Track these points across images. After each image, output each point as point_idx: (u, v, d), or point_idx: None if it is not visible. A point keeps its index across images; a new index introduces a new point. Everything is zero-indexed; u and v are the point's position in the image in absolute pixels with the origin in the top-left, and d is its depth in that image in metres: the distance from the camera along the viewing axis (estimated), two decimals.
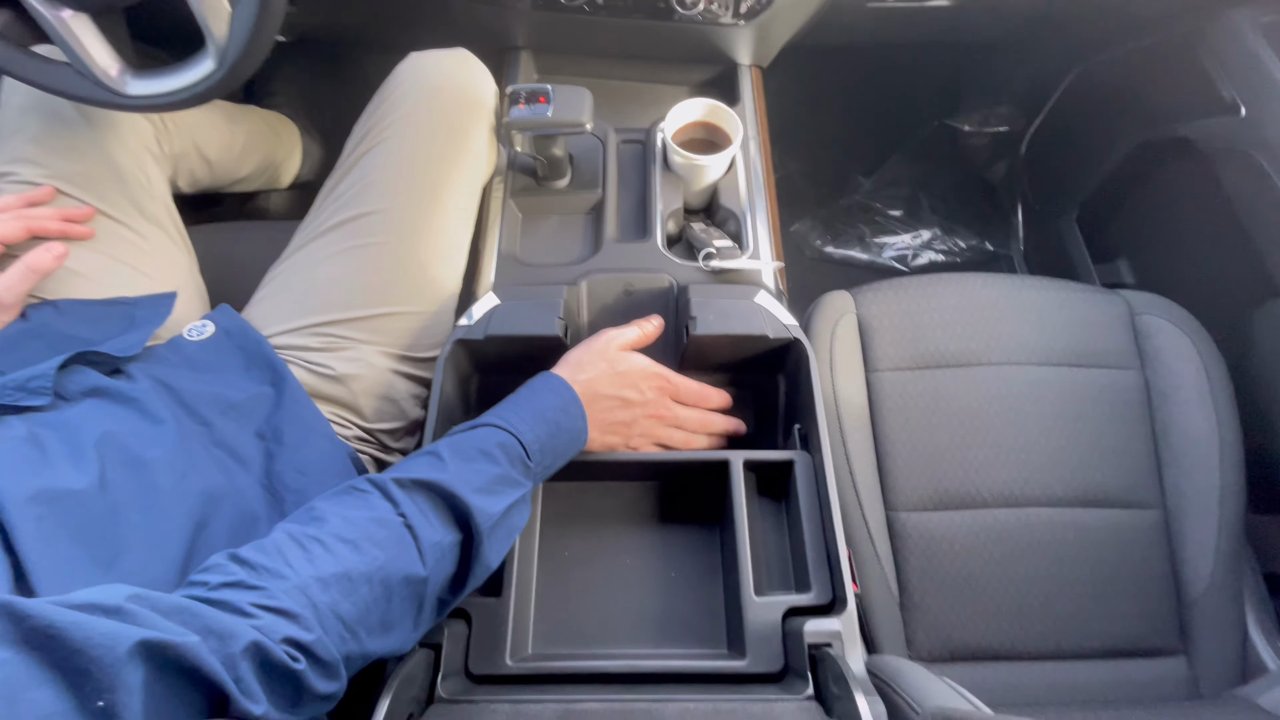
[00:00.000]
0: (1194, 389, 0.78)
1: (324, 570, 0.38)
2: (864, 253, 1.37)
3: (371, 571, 0.39)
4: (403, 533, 0.41)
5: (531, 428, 0.50)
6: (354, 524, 0.40)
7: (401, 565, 0.40)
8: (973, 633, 0.72)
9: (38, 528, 0.41)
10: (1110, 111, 1.11)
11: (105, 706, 0.27)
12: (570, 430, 0.53)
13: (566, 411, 0.53)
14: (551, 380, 0.55)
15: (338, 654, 0.37)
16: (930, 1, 0.88)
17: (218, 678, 0.30)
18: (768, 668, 0.50)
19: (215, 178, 0.89)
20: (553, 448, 0.51)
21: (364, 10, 0.89)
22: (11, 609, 0.26)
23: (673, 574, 0.59)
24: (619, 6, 0.75)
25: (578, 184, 0.77)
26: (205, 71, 0.56)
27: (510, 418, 0.50)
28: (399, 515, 0.42)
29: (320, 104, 1.24)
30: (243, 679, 0.32)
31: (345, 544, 0.39)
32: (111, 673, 0.27)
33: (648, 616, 0.57)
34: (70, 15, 0.53)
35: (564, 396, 0.54)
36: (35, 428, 0.46)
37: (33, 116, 0.66)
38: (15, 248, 0.61)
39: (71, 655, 0.27)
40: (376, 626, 0.40)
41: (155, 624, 0.30)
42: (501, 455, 0.47)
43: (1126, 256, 1.13)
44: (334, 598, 0.37)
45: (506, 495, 0.46)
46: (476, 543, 0.44)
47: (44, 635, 0.26)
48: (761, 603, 0.52)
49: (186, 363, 0.59)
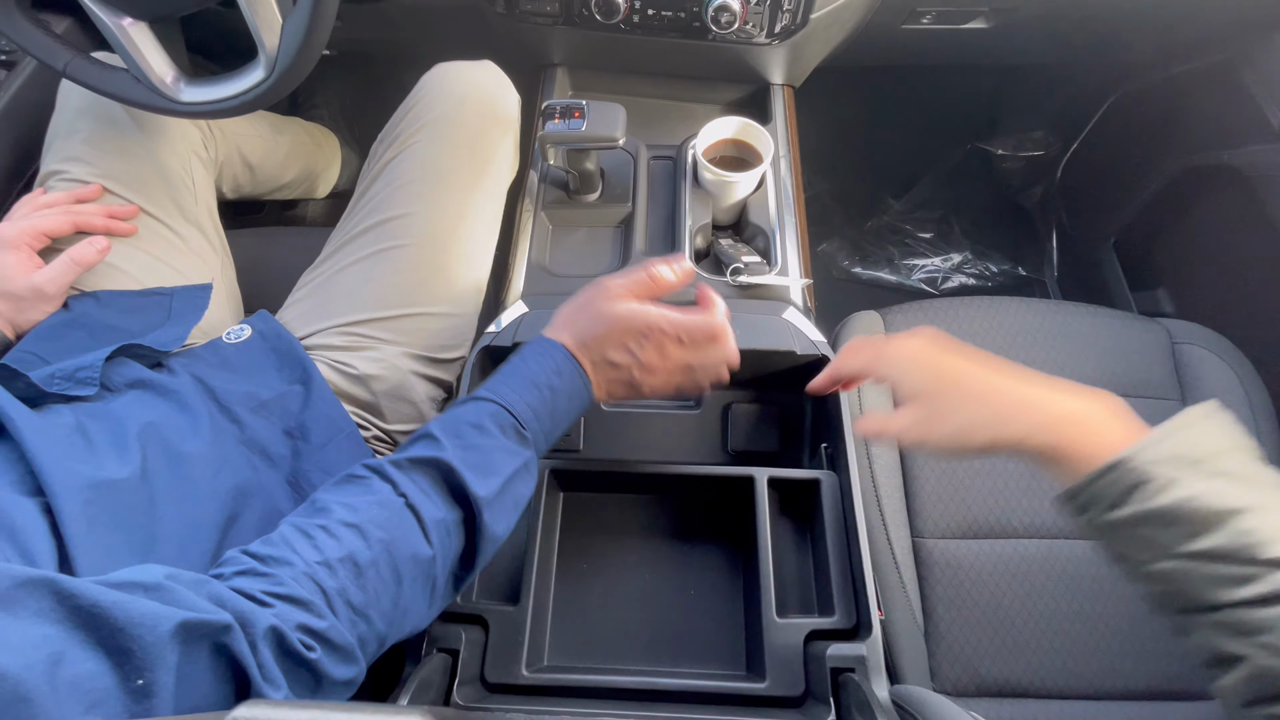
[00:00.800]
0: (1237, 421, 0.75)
1: (330, 555, 0.37)
2: (893, 274, 1.36)
3: (377, 554, 0.39)
4: (405, 513, 0.41)
5: (521, 396, 0.47)
6: (356, 509, 0.40)
7: (407, 545, 0.40)
8: (1000, 667, 0.69)
9: (84, 513, 0.42)
10: (1151, 137, 1.09)
11: (144, 685, 0.27)
12: (567, 391, 0.49)
13: (559, 373, 0.49)
14: (541, 344, 0.51)
15: (352, 638, 0.37)
16: (966, 24, 0.88)
17: (243, 660, 0.31)
18: (788, 691, 0.49)
19: (257, 184, 0.92)
20: (550, 412, 0.48)
21: (407, 27, 0.91)
22: (57, 587, 0.27)
23: (692, 591, 0.58)
24: (654, 25, 0.76)
25: (608, 198, 0.77)
26: (255, 80, 0.58)
27: (499, 389, 0.47)
28: (399, 496, 0.41)
29: (361, 116, 1.28)
30: (264, 664, 0.32)
31: (349, 529, 0.39)
32: (153, 652, 0.27)
33: (666, 633, 0.56)
34: (130, 23, 0.56)
35: (555, 358, 0.50)
36: (82, 417, 0.48)
37: (87, 119, 0.69)
38: (60, 241, 0.63)
39: (115, 634, 0.27)
40: (389, 609, 0.39)
41: (192, 604, 0.30)
42: (494, 427, 0.45)
43: (1166, 285, 1.10)
44: (342, 582, 0.37)
45: (504, 466, 0.44)
46: (478, 516, 0.43)
47: (89, 613, 0.27)
48: (783, 624, 0.51)
49: (223, 363, 0.61)
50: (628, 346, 0.50)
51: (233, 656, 0.30)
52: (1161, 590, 0.36)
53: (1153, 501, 0.35)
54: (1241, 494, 0.35)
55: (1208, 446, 0.36)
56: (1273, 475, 0.36)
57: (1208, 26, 0.90)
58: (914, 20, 0.85)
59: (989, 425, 0.40)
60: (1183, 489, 0.35)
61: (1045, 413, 0.39)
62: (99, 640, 0.27)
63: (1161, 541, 0.35)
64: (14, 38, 0.60)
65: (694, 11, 0.74)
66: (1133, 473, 0.36)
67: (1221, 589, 0.34)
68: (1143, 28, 0.91)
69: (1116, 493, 0.36)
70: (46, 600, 0.27)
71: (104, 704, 0.26)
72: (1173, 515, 0.35)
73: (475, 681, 0.49)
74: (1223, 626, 0.34)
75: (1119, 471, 0.36)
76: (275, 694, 0.32)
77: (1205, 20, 0.88)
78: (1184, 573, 0.35)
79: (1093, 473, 0.37)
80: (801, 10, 0.74)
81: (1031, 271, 1.35)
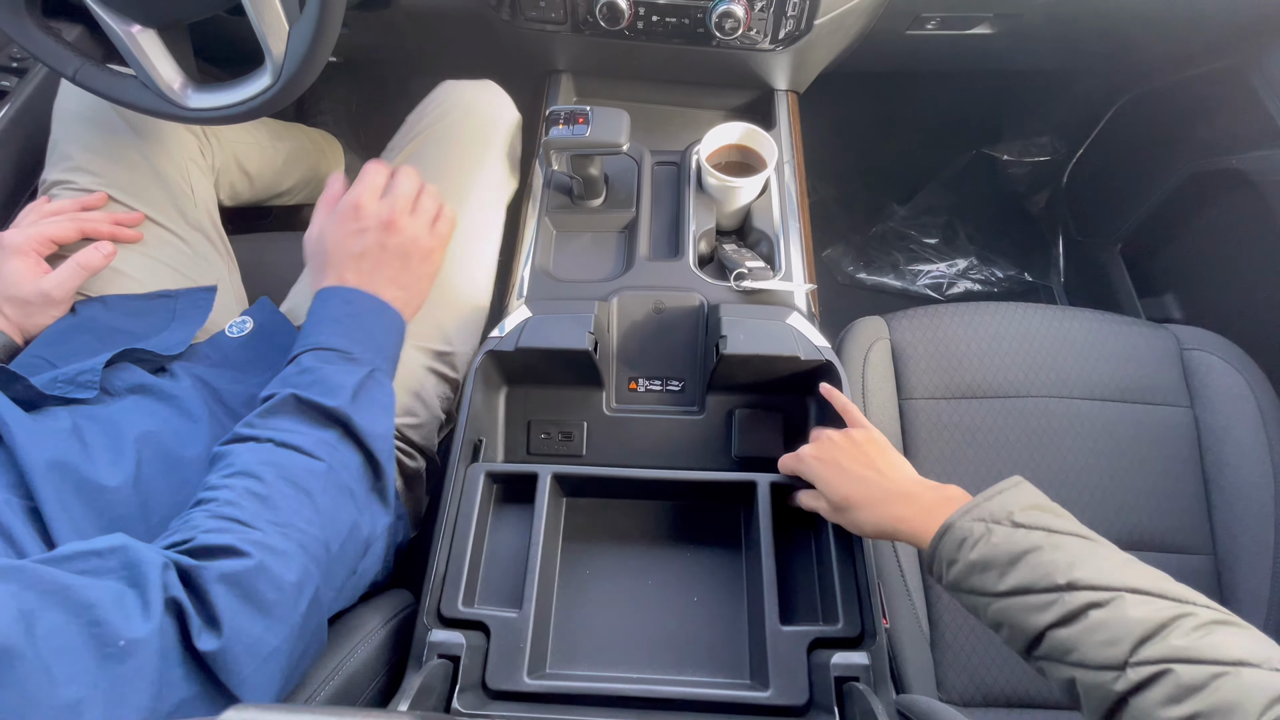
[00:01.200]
0: (1247, 429, 0.75)
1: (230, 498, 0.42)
2: (898, 280, 1.35)
3: (270, 481, 0.43)
4: (277, 450, 0.45)
5: (323, 333, 0.52)
6: (234, 465, 0.44)
7: (294, 465, 0.44)
8: (1008, 676, 0.68)
9: (69, 517, 0.42)
10: (1158, 142, 1.08)
11: (125, 646, 0.31)
12: (359, 308, 0.55)
13: (347, 301, 0.55)
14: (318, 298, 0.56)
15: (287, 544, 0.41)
16: (971, 30, 0.88)
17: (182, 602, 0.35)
18: (792, 700, 0.48)
19: (256, 191, 0.92)
20: (364, 333, 0.53)
21: (412, 34, 0.92)
22: (26, 572, 0.31)
23: (695, 598, 0.57)
24: (658, 32, 0.76)
25: (612, 203, 0.77)
26: (262, 86, 0.58)
27: (303, 342, 0.52)
28: (263, 443, 0.45)
29: (366, 122, 1.29)
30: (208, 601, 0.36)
31: (236, 477, 0.43)
32: (120, 617, 0.33)
33: (668, 640, 0.55)
34: (139, 30, 0.56)
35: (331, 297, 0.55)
36: (80, 420, 0.48)
37: (85, 125, 0.70)
38: (67, 247, 0.64)
39: (86, 609, 0.31)
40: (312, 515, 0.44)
41: (148, 556, 0.35)
42: (315, 362, 0.50)
43: (1174, 290, 1.09)
44: (252, 509, 0.41)
45: (346, 380, 0.49)
46: (350, 423, 0.48)
47: (59, 593, 0.31)
48: (787, 632, 0.50)
49: (226, 360, 0.61)
50: (346, 232, 0.57)
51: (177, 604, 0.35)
52: (1006, 634, 0.42)
53: (973, 553, 0.43)
54: (1033, 537, 0.42)
55: (1009, 505, 0.44)
56: (1064, 521, 0.43)
57: (1214, 31, 0.90)
58: (918, 26, 0.85)
59: (864, 523, 0.50)
60: (989, 539, 0.42)
61: (896, 514, 0.48)
62: (71, 614, 0.30)
63: (986, 587, 0.42)
64: (25, 45, 0.60)
65: (698, 18, 0.74)
66: (957, 532, 0.44)
67: (1033, 616, 0.40)
68: (1148, 32, 0.91)
69: (950, 552, 0.44)
70: (15, 584, 0.30)
71: (80, 662, 0.29)
72: (986, 562, 0.42)
73: (476, 688, 0.49)
74: (1049, 655, 0.40)
75: (949, 534, 0.44)
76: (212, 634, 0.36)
77: (1211, 25, 0.88)
78: (1006, 609, 0.41)
79: (932, 539, 0.45)
80: (806, 16, 0.74)
81: (1038, 277, 1.35)
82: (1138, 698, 0.35)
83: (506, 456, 0.67)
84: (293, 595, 0.40)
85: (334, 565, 0.45)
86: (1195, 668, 0.34)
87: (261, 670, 0.37)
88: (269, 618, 0.38)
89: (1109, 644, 0.37)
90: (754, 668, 0.53)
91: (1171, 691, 0.34)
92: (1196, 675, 0.34)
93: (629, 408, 0.68)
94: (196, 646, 0.35)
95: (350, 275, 0.56)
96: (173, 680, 0.34)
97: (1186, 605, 0.37)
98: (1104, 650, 0.37)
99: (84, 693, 0.29)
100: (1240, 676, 0.33)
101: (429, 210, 0.61)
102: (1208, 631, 0.36)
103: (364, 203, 0.59)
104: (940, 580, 0.46)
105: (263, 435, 0.45)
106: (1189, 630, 0.36)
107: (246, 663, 0.36)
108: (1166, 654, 0.35)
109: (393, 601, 0.57)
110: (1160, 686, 0.34)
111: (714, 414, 0.67)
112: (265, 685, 0.38)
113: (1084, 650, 0.37)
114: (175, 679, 0.34)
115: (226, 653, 0.35)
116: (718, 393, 0.67)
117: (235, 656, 0.36)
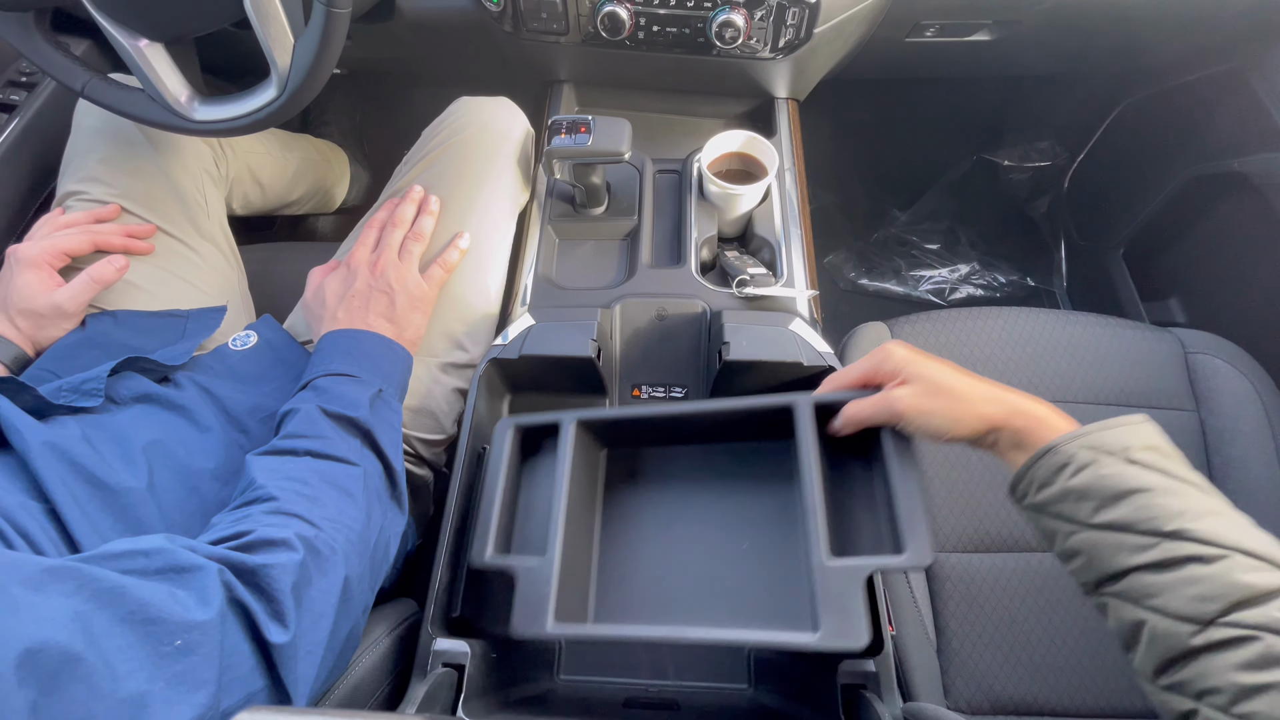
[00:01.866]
0: (1254, 432, 0.74)
1: (281, 500, 0.43)
2: (899, 285, 1.35)
3: (317, 485, 0.46)
4: (315, 460, 0.48)
5: (331, 361, 0.56)
6: (280, 471, 0.46)
7: (336, 470, 0.48)
8: (1016, 684, 0.68)
9: (87, 518, 0.43)
10: (1159, 146, 1.08)
11: (182, 645, 0.32)
12: (343, 338, 0.58)
13: (330, 341, 0.58)
14: (320, 345, 0.59)
15: (335, 539, 0.43)
16: (970, 37, 0.88)
17: (246, 602, 0.36)
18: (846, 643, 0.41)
19: (267, 200, 0.93)
20: (369, 359, 0.57)
21: (415, 46, 0.93)
22: (79, 572, 0.31)
23: (745, 544, 0.52)
24: (659, 42, 0.77)
25: (614, 211, 0.78)
26: (268, 98, 0.59)
27: (307, 378, 0.55)
28: (305, 454, 0.48)
29: (370, 133, 1.30)
30: (275, 599, 0.37)
31: (287, 480, 0.45)
32: (177, 619, 0.33)
33: (720, 590, 0.50)
34: (146, 44, 0.57)
35: (328, 340, 0.59)
36: (88, 429, 0.48)
37: (103, 139, 0.71)
38: (80, 260, 0.64)
39: (139, 608, 0.31)
40: (359, 516, 0.47)
41: (189, 559, 0.35)
42: (328, 384, 0.54)
43: (1178, 294, 1.09)
44: (304, 508, 0.43)
45: (360, 396, 0.53)
46: (371, 432, 0.51)
47: (111, 593, 0.31)
48: (837, 567, 0.43)
49: (229, 372, 0.61)
50: (339, 280, 0.64)
51: (241, 603, 0.35)
52: (1080, 564, 0.40)
53: (1072, 480, 0.40)
54: (1148, 477, 0.39)
55: (1128, 440, 0.40)
56: (1183, 468, 0.40)
57: (1213, 35, 0.90)
58: (918, 33, 0.86)
59: (973, 412, 0.45)
60: (1097, 470, 0.39)
61: (1011, 405, 0.44)
62: (124, 615, 0.30)
63: (1077, 516, 0.40)
64: (34, 59, 0.61)
65: (698, 28, 0.75)
66: (1060, 456, 0.41)
67: (1123, 555, 0.38)
68: (1148, 37, 0.91)
69: (1046, 474, 0.41)
70: (70, 583, 0.30)
71: (138, 659, 0.30)
72: (1086, 491, 0.39)
73: (480, 697, 0.49)
74: (1125, 595, 0.38)
75: (1050, 456, 0.41)
76: (280, 628, 0.36)
77: (1210, 29, 0.88)
78: (1094, 542, 0.39)
79: (1029, 459, 0.42)
80: (805, 25, 0.75)
81: (1040, 282, 1.35)
82: (1214, 655, 0.34)
83: None
84: (342, 591, 0.41)
85: (376, 565, 0.47)
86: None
87: (308, 665, 0.38)
88: (321, 613, 0.39)
89: (1202, 599, 0.35)
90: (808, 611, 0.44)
91: (1254, 658, 0.33)
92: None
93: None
94: (267, 639, 0.35)
95: (341, 315, 0.61)
96: (240, 675, 0.34)
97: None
98: (1194, 604, 0.35)
99: (146, 686, 0.30)
100: None
101: (415, 254, 0.66)
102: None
103: (355, 255, 0.65)
104: (1022, 500, 0.43)
105: (300, 448, 0.48)
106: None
107: (304, 657, 0.37)
108: (1263, 622, 0.33)
109: (397, 610, 0.57)
110: (1244, 650, 0.33)
111: None
112: (309, 681, 0.39)
113: (1170, 598, 0.35)
114: (243, 673, 0.35)
115: (293, 646, 0.36)
116: None
117: (296, 650, 0.37)
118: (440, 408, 0.68)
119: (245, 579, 0.36)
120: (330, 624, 0.40)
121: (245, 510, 0.42)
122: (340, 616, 0.41)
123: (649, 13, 0.74)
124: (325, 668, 0.40)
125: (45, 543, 0.40)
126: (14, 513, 0.40)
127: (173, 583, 0.34)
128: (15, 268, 0.61)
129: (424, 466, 0.69)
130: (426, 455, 0.68)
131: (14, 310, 0.60)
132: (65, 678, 0.27)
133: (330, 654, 0.41)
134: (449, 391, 0.69)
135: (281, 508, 0.42)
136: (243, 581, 0.36)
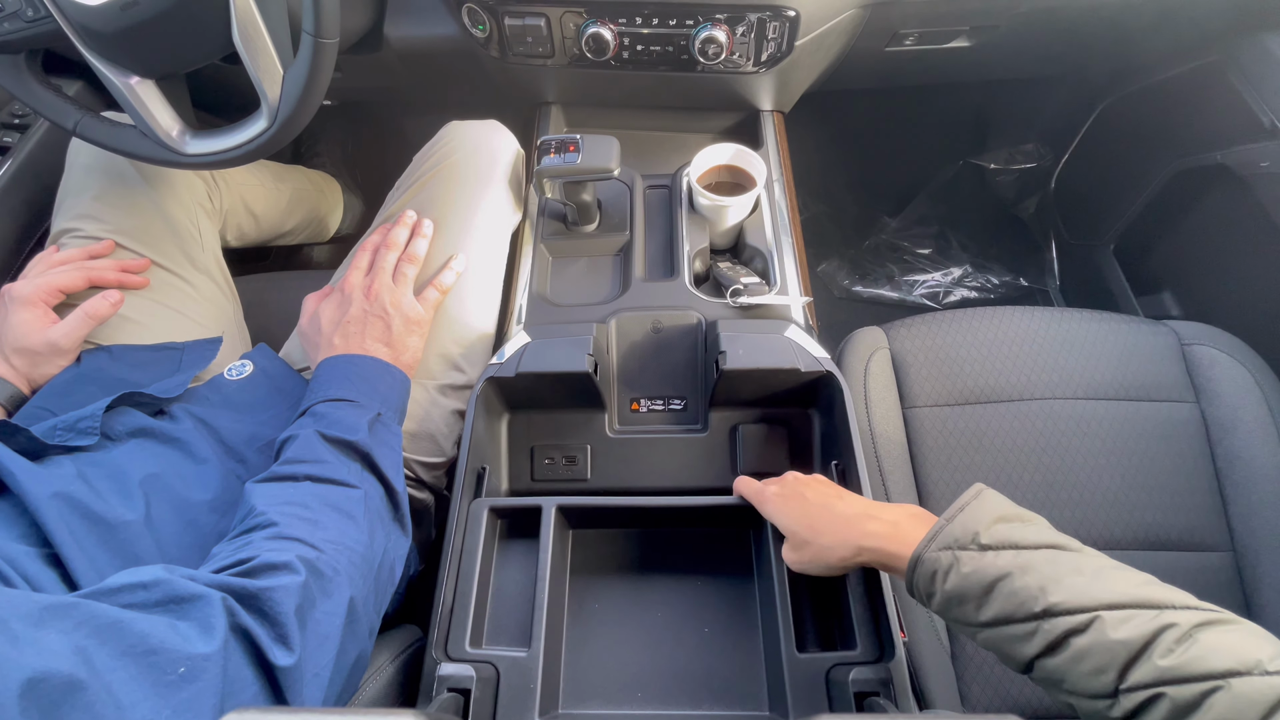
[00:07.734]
0: (1255, 421, 0.74)
1: (282, 525, 0.44)
2: (893, 291, 1.36)
3: (315, 507, 0.46)
4: (315, 484, 0.48)
5: (329, 388, 0.56)
6: (279, 497, 0.46)
7: (337, 494, 0.48)
8: (1032, 688, 0.66)
9: (87, 555, 0.42)
10: (1142, 142, 1.10)
11: (185, 672, 0.32)
12: (341, 363, 0.59)
13: (327, 368, 0.59)
14: (318, 372, 0.59)
15: (338, 561, 0.43)
16: (949, 44, 0.90)
17: (250, 630, 0.36)
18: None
19: (261, 231, 0.94)
20: (368, 387, 0.57)
21: (404, 75, 0.94)
22: (79, 609, 0.31)
23: (706, 629, 0.56)
24: (644, 60, 0.78)
25: (606, 227, 0.78)
26: (258, 130, 0.59)
27: (306, 404, 0.55)
28: (305, 479, 0.48)
29: (362, 162, 1.31)
30: (278, 624, 0.37)
31: (286, 505, 0.45)
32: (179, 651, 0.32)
33: (683, 673, 0.54)
34: (137, 81, 0.58)
35: (325, 367, 0.59)
36: (84, 467, 0.48)
37: (96, 176, 0.71)
38: (74, 296, 0.64)
39: (139, 640, 0.31)
40: (358, 535, 0.46)
41: (189, 588, 0.35)
42: (327, 410, 0.54)
43: (1170, 287, 1.09)
44: (304, 531, 0.43)
45: (358, 421, 0.53)
46: (369, 456, 0.51)
47: (111, 629, 0.31)
48: (804, 660, 0.49)
49: (225, 402, 0.61)
50: (334, 305, 0.64)
51: (244, 629, 0.35)
52: (1000, 658, 0.40)
53: (946, 585, 0.41)
54: (1002, 560, 0.40)
55: (974, 525, 0.41)
56: (1030, 532, 0.41)
57: (1190, 30, 0.91)
58: (897, 43, 0.87)
59: (831, 558, 0.48)
60: (959, 569, 0.40)
61: (855, 544, 0.47)
62: (125, 649, 0.30)
63: (968, 618, 0.41)
64: (26, 100, 0.62)
65: (682, 45, 0.76)
66: (926, 565, 0.42)
67: (1018, 647, 0.38)
68: (1124, 35, 0.93)
69: (925, 585, 0.42)
70: (69, 620, 0.30)
71: (141, 690, 0.30)
72: (961, 594, 0.40)
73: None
74: (1044, 683, 0.38)
75: (920, 568, 0.42)
76: (285, 651, 0.36)
77: (1185, 24, 0.90)
78: (993, 641, 0.40)
79: (905, 579, 0.44)
80: (786, 38, 0.76)
81: (1033, 281, 1.35)
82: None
83: (510, 484, 0.67)
84: (347, 613, 0.41)
85: (381, 587, 0.47)
86: (1186, 687, 0.33)
87: (315, 688, 0.38)
88: (326, 635, 0.39)
89: (1096, 673, 0.35)
90: (773, 699, 0.51)
91: (1167, 716, 0.33)
92: (1189, 694, 0.33)
93: (632, 429, 0.68)
94: (272, 662, 0.35)
95: (338, 341, 0.61)
96: (244, 700, 0.34)
97: (1166, 612, 0.36)
98: (1093, 680, 0.36)
99: (151, 716, 0.30)
100: (1232, 689, 0.32)
101: (410, 277, 0.66)
102: (1192, 641, 0.34)
103: (349, 280, 0.65)
104: (927, 609, 0.44)
105: (299, 472, 0.48)
106: (1172, 644, 0.34)
107: (310, 680, 0.37)
108: (1155, 676, 0.34)
109: (401, 637, 0.56)
110: (1155, 712, 0.34)
111: (717, 431, 0.67)
112: (317, 704, 0.38)
113: (1073, 680, 0.36)
114: (247, 699, 0.34)
115: (298, 669, 0.36)
116: (720, 409, 0.67)
117: (302, 674, 0.36)
118: (439, 430, 0.67)
119: (247, 604, 0.36)
120: (336, 646, 0.40)
121: (246, 537, 0.42)
122: (347, 639, 0.41)
123: (632, 32, 0.75)
124: (334, 691, 0.40)
125: (48, 586, 0.40)
126: (13, 555, 0.40)
127: (173, 614, 0.33)
128: (10, 306, 0.61)
129: (424, 490, 0.68)
130: (427, 479, 0.68)
131: (9, 348, 0.60)
132: (68, 708, 0.27)
133: (338, 677, 0.40)
134: (448, 414, 0.68)
135: (282, 532, 0.42)
136: (245, 607, 0.36)
